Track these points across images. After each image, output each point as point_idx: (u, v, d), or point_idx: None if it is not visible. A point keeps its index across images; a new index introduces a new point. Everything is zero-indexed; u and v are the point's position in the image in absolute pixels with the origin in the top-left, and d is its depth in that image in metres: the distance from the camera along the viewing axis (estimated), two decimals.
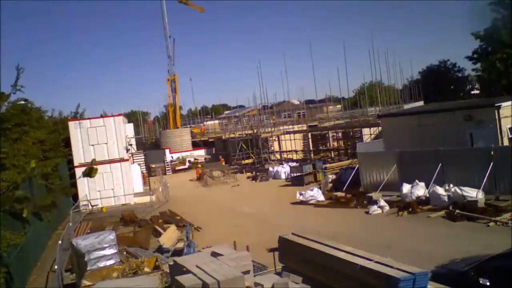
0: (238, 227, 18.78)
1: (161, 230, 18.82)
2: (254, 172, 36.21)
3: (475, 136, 22.09)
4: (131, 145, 30.23)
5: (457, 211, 16.28)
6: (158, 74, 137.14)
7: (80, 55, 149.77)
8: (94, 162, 14.34)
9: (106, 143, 27.47)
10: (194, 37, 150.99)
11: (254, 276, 7.91)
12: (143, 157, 37.52)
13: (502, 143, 21.29)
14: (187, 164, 47.77)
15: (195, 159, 49.21)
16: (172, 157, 50.25)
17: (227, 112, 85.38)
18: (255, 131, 44.94)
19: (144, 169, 36.57)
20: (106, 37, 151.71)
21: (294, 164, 33.92)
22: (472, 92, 54.94)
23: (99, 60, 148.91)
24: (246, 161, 43.94)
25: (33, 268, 15.21)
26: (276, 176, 32.69)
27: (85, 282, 10.70)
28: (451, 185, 18.37)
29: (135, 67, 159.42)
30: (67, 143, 26.99)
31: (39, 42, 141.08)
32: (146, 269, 11.29)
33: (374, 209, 18.84)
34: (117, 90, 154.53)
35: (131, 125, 39.63)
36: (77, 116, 34.47)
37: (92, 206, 25.99)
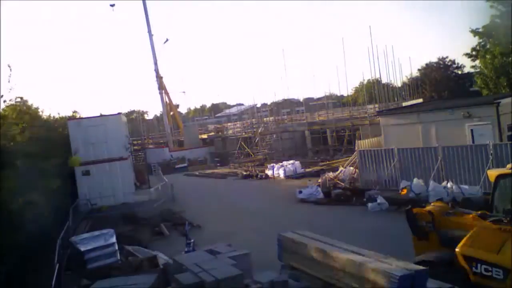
0: (238, 225, 18.80)
1: (164, 230, 18.82)
2: (253, 171, 36.21)
3: (475, 133, 22.12)
4: (130, 143, 30.18)
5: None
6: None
7: (79, 54, 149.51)
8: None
9: (105, 142, 27.41)
10: (193, 35, 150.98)
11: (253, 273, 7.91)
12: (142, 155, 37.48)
13: (501, 139, 21.32)
14: (187, 162, 47.75)
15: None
16: (171, 155, 50.24)
17: (226, 110, 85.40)
18: (254, 129, 44.97)
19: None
20: (104, 35, 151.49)
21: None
22: (471, 89, 54.93)
23: (98, 59, 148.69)
24: (246, 159, 43.97)
25: (33, 267, 15.18)
26: (275, 174, 32.67)
27: (85, 281, 10.71)
28: (450, 182, 18.40)
29: (134, 66, 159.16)
30: (66, 142, 26.90)
31: (37, 40, 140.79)
32: (146, 268, 11.32)
33: (374, 206, 18.86)
34: (116, 88, 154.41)
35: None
36: (76, 115, 34.41)
37: (91, 204, 25.95)
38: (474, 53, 40.83)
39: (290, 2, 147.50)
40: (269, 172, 33.45)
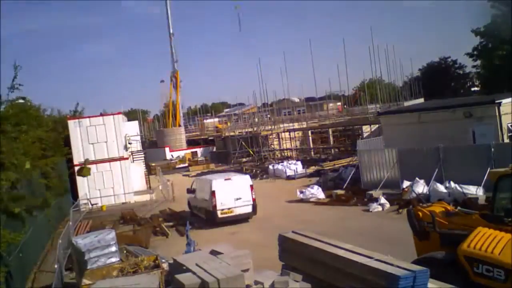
0: (237, 225, 18.78)
1: (165, 230, 18.79)
2: (254, 171, 36.16)
3: (477, 133, 22.05)
4: (130, 143, 30.16)
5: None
6: (157, 72, 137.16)
7: (79, 53, 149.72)
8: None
9: (105, 142, 27.43)
10: (193, 34, 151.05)
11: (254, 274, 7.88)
12: (143, 155, 37.40)
13: (503, 139, 21.24)
14: (187, 162, 47.77)
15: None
16: (172, 155, 50.24)
17: (226, 110, 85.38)
18: (255, 129, 44.91)
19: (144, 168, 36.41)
20: (104, 34, 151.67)
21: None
22: (473, 89, 54.88)
23: (98, 59, 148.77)
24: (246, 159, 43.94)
25: (33, 267, 15.19)
26: (276, 174, 32.63)
27: (85, 281, 10.67)
28: (452, 182, 18.34)
29: (134, 65, 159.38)
30: (66, 142, 26.92)
31: (38, 39, 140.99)
32: (146, 268, 11.27)
33: (375, 207, 18.84)
34: (116, 88, 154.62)
35: (136, 123, 38.92)
36: (76, 114, 34.36)
37: (92, 205, 25.98)
38: (475, 53, 40.77)
39: (290, 2, 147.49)
40: (270, 172, 33.44)
